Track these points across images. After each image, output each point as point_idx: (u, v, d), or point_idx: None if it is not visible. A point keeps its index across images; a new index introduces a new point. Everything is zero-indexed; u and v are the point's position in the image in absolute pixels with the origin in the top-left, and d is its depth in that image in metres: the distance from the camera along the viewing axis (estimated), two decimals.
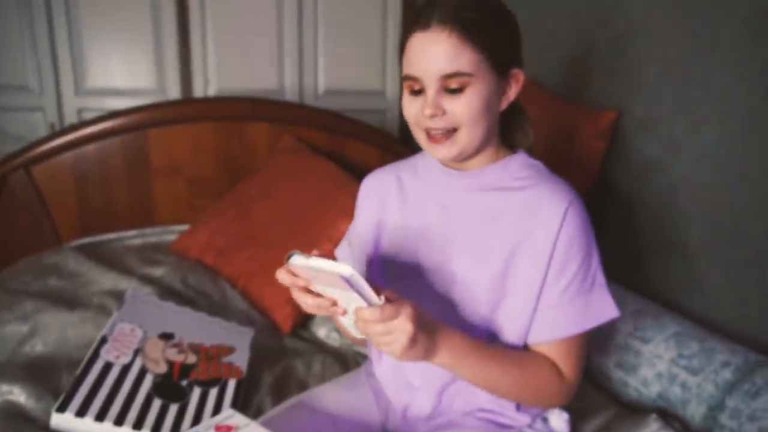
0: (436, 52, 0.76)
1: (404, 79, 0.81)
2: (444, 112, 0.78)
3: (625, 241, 1.48)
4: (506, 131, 0.91)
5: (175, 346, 1.13)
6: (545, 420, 0.94)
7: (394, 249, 0.93)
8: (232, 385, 1.09)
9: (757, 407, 0.93)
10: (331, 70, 2.66)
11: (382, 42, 2.64)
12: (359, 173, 1.82)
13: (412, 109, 0.81)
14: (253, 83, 2.52)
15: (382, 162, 1.98)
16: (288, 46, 2.58)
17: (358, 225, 1.01)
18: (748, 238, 1.16)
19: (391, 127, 2.70)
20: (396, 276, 0.92)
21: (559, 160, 1.52)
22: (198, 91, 2.49)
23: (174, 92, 2.48)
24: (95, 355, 1.02)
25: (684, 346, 1.10)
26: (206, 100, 1.96)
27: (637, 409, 1.14)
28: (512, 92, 0.83)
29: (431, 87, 0.78)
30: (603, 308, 0.82)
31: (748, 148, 1.15)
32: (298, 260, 0.70)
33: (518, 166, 0.87)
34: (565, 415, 0.94)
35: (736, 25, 1.16)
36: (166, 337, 1.14)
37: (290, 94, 2.62)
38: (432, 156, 0.85)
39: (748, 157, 1.15)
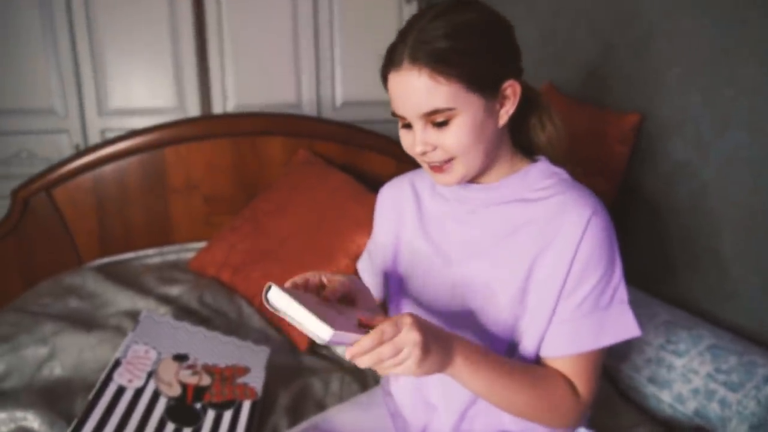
0: (410, 93, 0.73)
1: (392, 114, 0.79)
2: (434, 147, 0.76)
3: (654, 247, 1.41)
4: (522, 130, 0.87)
5: (189, 367, 1.11)
6: None
7: (412, 263, 0.90)
8: (246, 407, 1.07)
9: None
10: (348, 82, 2.66)
11: None
12: (376, 185, 1.79)
13: (406, 143, 0.80)
14: (272, 98, 2.54)
15: (399, 172, 1.95)
16: (305, 60, 2.59)
17: (377, 236, 0.99)
18: None
19: None
20: (414, 291, 0.89)
21: (583, 167, 1.47)
22: (217, 108, 2.52)
23: (194, 110, 2.51)
24: (108, 378, 1.01)
25: (721, 360, 1.04)
26: (221, 117, 1.97)
27: (673, 427, 1.08)
28: (509, 106, 0.78)
29: (416, 124, 0.76)
30: (622, 325, 0.77)
31: None
32: (276, 299, 0.64)
33: (538, 175, 0.83)
34: None
35: (765, 19, 1.10)
36: (180, 358, 1.13)
37: (308, 107, 2.63)
38: (436, 182, 0.83)
39: None
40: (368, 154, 1.91)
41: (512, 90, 0.78)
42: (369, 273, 1.01)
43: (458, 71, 0.72)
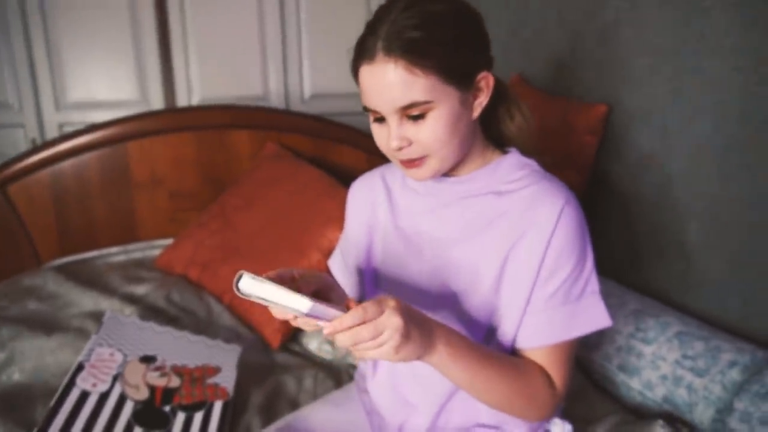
0: (386, 86, 0.71)
1: (364, 108, 0.76)
2: (410, 142, 0.74)
3: (622, 237, 1.43)
4: (491, 122, 0.86)
5: (157, 369, 1.08)
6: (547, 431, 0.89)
7: (386, 257, 0.89)
8: (218, 408, 1.04)
9: (767, 409, 0.88)
10: (316, 74, 2.62)
11: None
12: (347, 178, 1.77)
13: (380, 138, 0.77)
14: (238, 90, 2.48)
15: (370, 166, 1.93)
16: (271, 51, 2.54)
17: (349, 232, 0.97)
18: (750, 231, 1.12)
19: None
20: (389, 285, 0.88)
21: (552, 158, 1.48)
22: (182, 101, 2.44)
23: (157, 103, 2.43)
24: (71, 383, 0.97)
25: (688, 346, 1.06)
26: (185, 110, 1.91)
27: (642, 414, 1.10)
28: (483, 98, 0.77)
29: (391, 118, 0.73)
30: (593, 316, 0.77)
31: (745, 137, 1.11)
32: (248, 286, 0.60)
33: (510, 167, 0.83)
34: (568, 427, 0.90)
35: (729, 10, 1.12)
36: (148, 360, 1.09)
37: (276, 100, 2.58)
38: (409, 177, 0.81)
39: (746, 146, 1.11)
40: (339, 147, 1.89)
41: (486, 82, 0.77)
42: (342, 271, 0.99)
43: (435, 62, 0.70)
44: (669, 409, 1.05)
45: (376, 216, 0.91)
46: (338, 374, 1.27)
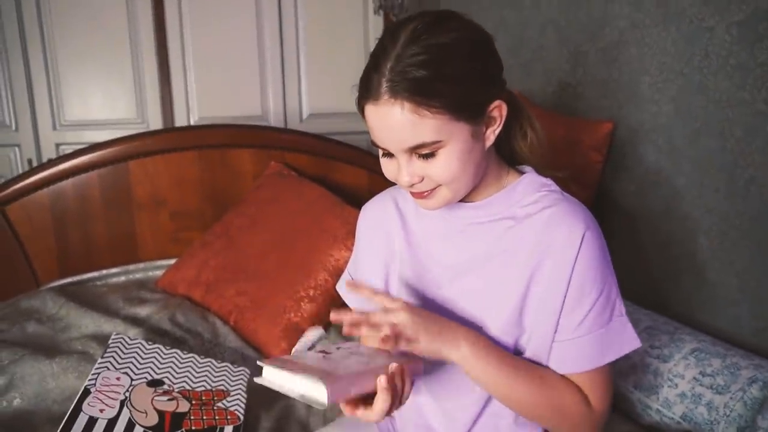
0: (392, 127, 0.69)
1: (373, 143, 0.75)
2: (421, 178, 0.73)
3: (631, 254, 1.43)
4: (503, 139, 0.83)
5: (165, 393, 1.05)
6: None
7: (402, 285, 0.86)
8: None
9: None
10: (314, 94, 2.64)
11: (365, 63, 2.62)
12: (349, 197, 1.77)
13: (390, 172, 0.76)
14: (237, 110, 2.48)
15: (371, 184, 1.95)
16: (270, 71, 2.55)
17: (360, 258, 0.94)
18: (759, 246, 1.12)
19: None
20: None
21: (566, 172, 1.48)
22: (180, 120, 2.44)
23: (156, 122, 2.43)
24: (77, 409, 0.94)
25: (705, 363, 1.05)
26: (187, 129, 1.91)
27: None
28: (496, 126, 0.75)
29: (401, 157, 0.72)
30: (623, 340, 0.76)
31: (751, 153, 1.12)
32: (271, 376, 0.65)
33: (526, 188, 0.80)
34: None
35: (732, 29, 1.14)
36: (155, 383, 1.06)
37: (274, 119, 2.59)
38: (421, 207, 0.80)
39: (753, 162, 1.12)
40: (340, 165, 1.88)
41: (499, 111, 0.74)
42: (355, 298, 0.96)
43: (443, 102, 0.67)
44: (688, 427, 1.03)
45: (392, 243, 0.88)
46: None
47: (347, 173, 1.87)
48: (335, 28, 2.59)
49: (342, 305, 1.40)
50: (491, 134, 0.75)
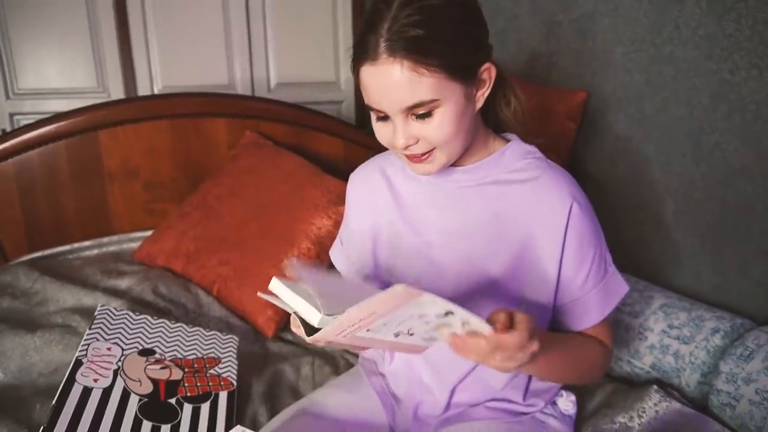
0: (391, 87, 0.70)
1: (367, 108, 0.76)
2: (417, 140, 0.74)
3: (601, 218, 1.48)
4: (488, 107, 0.86)
5: (158, 362, 1.05)
6: (554, 404, 0.94)
7: (395, 252, 0.88)
8: (223, 398, 1.02)
9: (751, 369, 0.96)
10: (282, 63, 2.58)
11: (333, 32, 2.58)
12: (325, 166, 1.77)
13: (384, 136, 0.77)
14: (202, 79, 2.40)
15: (348, 153, 1.95)
16: (236, 39, 2.47)
17: (351, 225, 0.96)
18: (721, 207, 1.20)
19: (348, 118, 2.65)
20: (399, 278, 0.88)
21: (545, 140, 1.53)
22: (143, 90, 2.35)
23: (117, 91, 2.33)
24: (71, 380, 0.93)
25: (673, 317, 1.13)
26: (158, 98, 1.84)
27: (630, 382, 1.17)
28: (486, 89, 0.78)
29: (396, 117, 0.73)
30: (619, 287, 0.84)
31: (717, 119, 1.19)
32: (279, 289, 0.67)
33: (513, 155, 0.84)
34: (572, 397, 0.95)
35: (702, 1, 1.19)
36: (147, 353, 1.06)
37: (242, 88, 2.52)
38: (414, 172, 0.82)
39: (717, 128, 1.19)
40: (315, 135, 1.87)
41: (488, 73, 0.77)
42: (344, 262, 0.99)
43: (440, 60, 0.69)
44: (656, 375, 1.12)
45: (380, 212, 0.90)
46: (334, 360, 1.28)
47: (323, 142, 1.87)
48: None
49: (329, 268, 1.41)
50: (481, 97, 0.78)
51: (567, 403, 0.94)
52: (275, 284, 0.68)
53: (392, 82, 0.70)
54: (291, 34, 2.55)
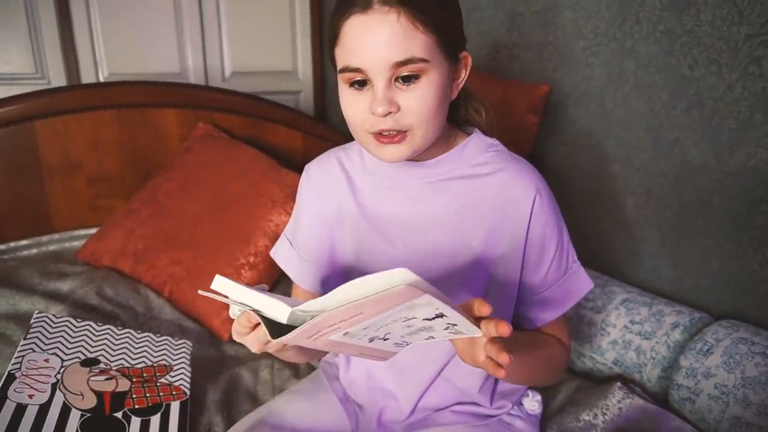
0: (383, 38, 0.65)
1: (342, 71, 0.69)
2: (398, 108, 0.68)
3: (563, 212, 1.49)
4: (452, 111, 0.84)
5: (102, 372, 0.97)
6: (520, 404, 0.92)
7: (357, 248, 0.84)
8: (175, 408, 0.96)
9: (710, 364, 0.97)
10: (237, 50, 2.48)
11: (290, 19, 2.50)
12: (283, 159, 1.70)
13: (358, 107, 0.69)
14: (152, 66, 2.28)
15: (306, 146, 1.89)
16: (188, 24, 2.36)
17: (304, 222, 0.89)
18: (680, 202, 1.22)
19: (306, 109, 2.58)
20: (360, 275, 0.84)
21: (490, 132, 1.51)
22: (87, 77, 2.21)
23: (58, 78, 2.18)
24: (2, 397, 0.85)
25: (634, 312, 1.13)
26: (103, 86, 1.73)
27: (592, 377, 1.17)
28: (463, 77, 0.75)
29: (380, 78, 0.66)
30: (581, 282, 0.82)
31: (677, 115, 1.20)
32: (222, 287, 0.57)
33: (475, 149, 0.81)
34: (538, 397, 0.94)
35: None
36: (90, 363, 0.98)
37: (195, 77, 2.41)
38: (380, 158, 0.74)
39: (677, 124, 1.20)
40: (273, 127, 1.80)
41: (465, 61, 0.74)
42: (290, 262, 0.90)
43: (435, 21, 0.66)
44: (619, 371, 1.12)
45: (338, 205, 0.85)
46: (295, 364, 1.23)
47: (280, 135, 1.80)
48: None
49: (281, 272, 1.36)
50: (456, 88, 0.75)
51: (533, 402, 0.93)
52: (221, 281, 0.59)
53: (385, 32, 0.64)
54: (247, 20, 2.45)
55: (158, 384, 1.00)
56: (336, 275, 0.88)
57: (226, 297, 0.60)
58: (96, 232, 1.46)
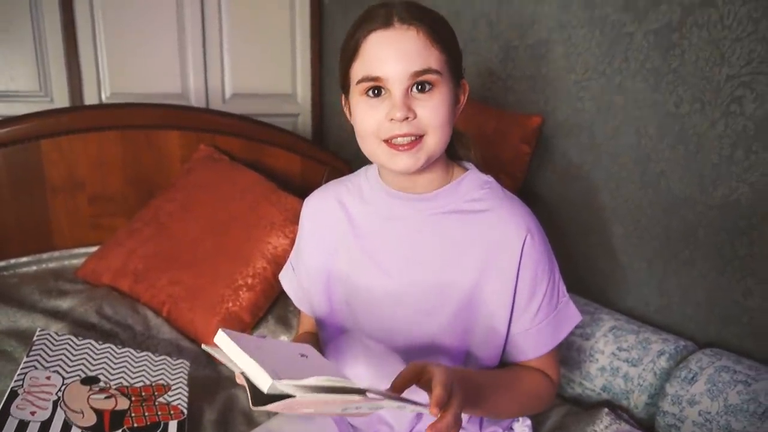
0: (404, 50, 0.73)
1: (360, 81, 0.75)
2: (415, 115, 0.74)
3: (553, 241, 1.52)
4: (449, 147, 0.89)
5: (102, 391, 0.99)
6: (510, 429, 0.95)
7: (352, 279, 0.87)
8: (173, 428, 0.98)
9: (695, 392, 1.00)
10: (238, 73, 2.54)
11: (291, 42, 2.56)
12: (281, 182, 1.74)
13: (374, 115, 0.75)
14: (154, 87, 2.33)
15: (305, 169, 1.93)
16: (191, 47, 2.41)
17: (304, 250, 0.94)
18: (666, 233, 1.26)
19: (304, 131, 2.63)
20: (358, 306, 0.87)
21: (486, 166, 1.56)
22: (90, 96, 2.25)
23: (61, 96, 2.22)
24: (5, 413, 0.87)
25: (622, 339, 1.17)
26: (108, 107, 1.77)
27: (581, 403, 1.20)
28: (462, 102, 0.82)
29: (398, 87, 0.73)
30: (570, 317, 0.85)
31: (663, 149, 1.25)
32: (225, 343, 0.58)
33: (471, 185, 0.85)
34: (528, 422, 0.96)
35: (649, 36, 1.25)
36: (90, 381, 1.00)
37: (195, 98, 2.46)
38: (392, 168, 0.78)
39: (663, 158, 1.25)
40: (272, 150, 1.85)
41: (464, 88, 0.82)
42: (294, 287, 0.97)
43: (446, 44, 0.75)
44: (607, 397, 1.15)
45: (335, 236, 0.89)
46: None
47: (280, 158, 1.84)
48: (260, 3, 2.50)
49: (282, 295, 1.39)
50: (457, 111, 0.81)
51: (523, 428, 0.95)
52: (221, 337, 0.60)
53: (406, 45, 0.73)
54: (248, 43, 2.51)
55: (157, 403, 1.02)
56: (332, 305, 0.91)
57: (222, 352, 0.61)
58: (97, 251, 1.49)
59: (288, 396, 0.53)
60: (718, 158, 1.14)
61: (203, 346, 0.65)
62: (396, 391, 0.63)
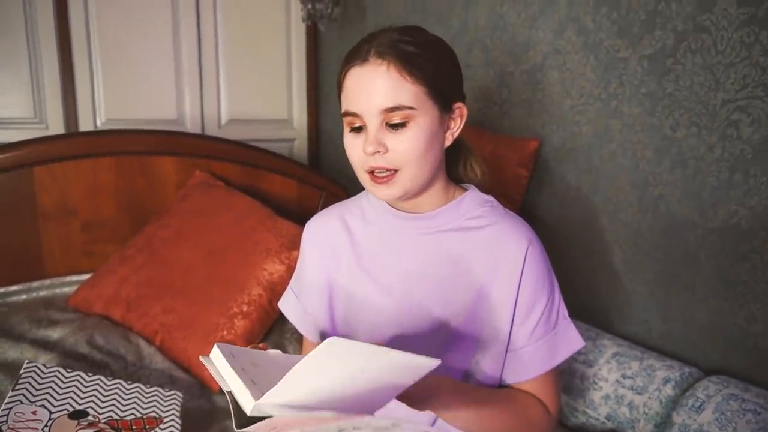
0: (375, 86, 0.74)
1: (344, 115, 0.78)
2: (387, 150, 0.75)
3: (554, 265, 1.52)
4: (451, 167, 0.89)
5: (90, 425, 0.96)
6: None
7: (354, 298, 0.86)
8: None
9: (703, 420, 0.98)
10: (234, 98, 2.54)
11: (287, 68, 2.58)
12: (277, 208, 1.73)
13: (355, 148, 0.78)
14: (150, 113, 2.33)
15: (301, 195, 1.92)
16: (187, 73, 2.42)
17: (306, 274, 0.93)
18: (666, 256, 1.25)
19: (300, 157, 2.63)
20: (358, 327, 0.86)
21: (485, 189, 1.55)
22: (85, 122, 2.25)
23: (56, 123, 2.22)
24: None
25: (625, 366, 1.14)
26: (102, 134, 1.76)
27: None
28: (457, 127, 0.82)
29: (372, 122, 0.75)
30: (570, 341, 0.83)
31: (661, 172, 1.24)
32: (216, 359, 0.58)
33: (471, 203, 0.86)
34: None
35: (644, 61, 1.26)
36: (78, 415, 0.97)
37: (191, 124, 2.46)
38: (375, 196, 0.81)
39: (661, 181, 1.24)
40: (268, 175, 1.84)
41: (460, 112, 0.81)
42: (297, 313, 0.95)
43: (423, 75, 0.74)
44: (612, 426, 1.12)
45: (338, 257, 0.89)
46: None
47: (276, 183, 1.83)
48: (256, 32, 2.52)
49: (278, 322, 1.36)
50: (450, 136, 0.81)
51: None
52: (215, 354, 0.60)
53: (377, 82, 0.73)
54: (244, 69, 2.52)
55: None
56: (334, 324, 0.89)
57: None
58: (89, 278, 1.46)
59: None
60: (717, 182, 1.13)
61: (201, 358, 0.64)
62: None
